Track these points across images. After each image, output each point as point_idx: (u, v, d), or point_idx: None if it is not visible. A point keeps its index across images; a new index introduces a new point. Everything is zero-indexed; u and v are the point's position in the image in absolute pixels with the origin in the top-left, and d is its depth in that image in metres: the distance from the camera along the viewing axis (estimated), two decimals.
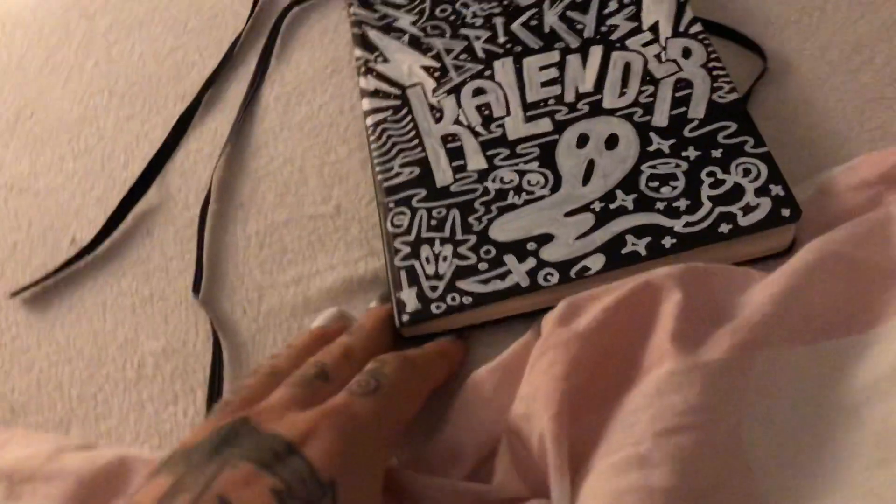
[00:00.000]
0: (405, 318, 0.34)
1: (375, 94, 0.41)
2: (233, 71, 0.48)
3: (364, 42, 0.44)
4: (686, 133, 0.36)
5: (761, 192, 0.33)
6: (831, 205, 0.34)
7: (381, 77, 0.42)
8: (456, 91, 0.41)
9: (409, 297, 0.34)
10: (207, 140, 0.45)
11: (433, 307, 0.34)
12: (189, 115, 0.46)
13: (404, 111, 0.40)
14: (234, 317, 0.38)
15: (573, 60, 0.40)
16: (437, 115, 0.40)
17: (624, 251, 0.33)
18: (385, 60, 0.43)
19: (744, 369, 0.29)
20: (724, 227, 0.33)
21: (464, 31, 0.43)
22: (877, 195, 0.33)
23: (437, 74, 0.41)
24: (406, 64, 0.42)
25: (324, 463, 0.26)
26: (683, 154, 0.35)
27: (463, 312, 0.34)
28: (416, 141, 0.39)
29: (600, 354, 0.31)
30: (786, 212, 0.32)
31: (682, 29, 0.39)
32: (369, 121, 0.41)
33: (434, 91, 0.41)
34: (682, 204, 0.34)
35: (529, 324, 0.34)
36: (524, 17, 0.42)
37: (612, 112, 0.37)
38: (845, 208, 0.33)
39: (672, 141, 0.36)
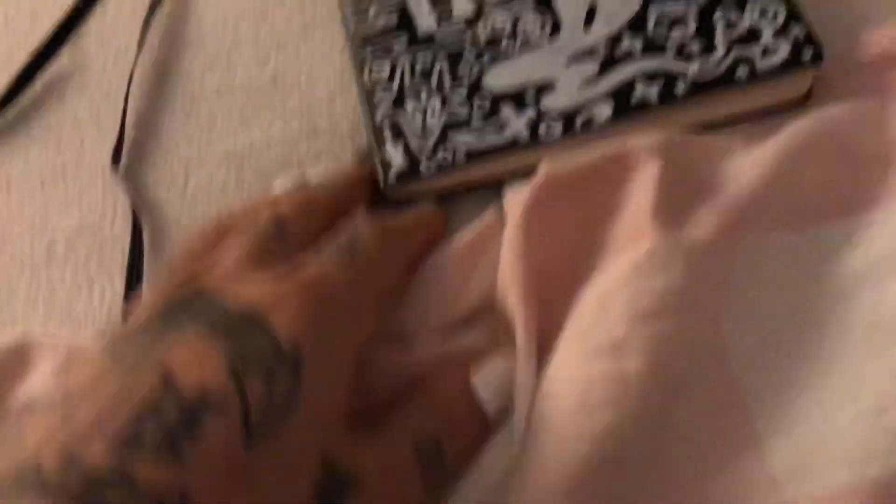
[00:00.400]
0: (392, 177, 0.30)
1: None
2: None
3: None
4: None
5: (780, 33, 0.30)
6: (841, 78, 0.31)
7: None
8: None
9: (395, 153, 0.31)
10: (129, 1, 0.40)
11: (423, 165, 0.30)
12: None
13: None
14: (156, 194, 0.34)
15: None
16: None
17: (633, 100, 0.30)
18: None
19: (730, 252, 0.27)
20: (742, 72, 0.30)
21: None
22: (872, 78, 0.30)
23: None
24: None
25: (289, 334, 0.23)
26: None
27: (456, 170, 0.30)
28: None
29: (567, 228, 0.29)
30: (807, 54, 0.30)
31: None
32: None
33: None
34: (695, 47, 0.31)
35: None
36: None
37: None
38: (839, 94, 0.30)
39: None
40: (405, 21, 0.34)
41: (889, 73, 0.30)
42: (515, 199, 0.30)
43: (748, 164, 0.28)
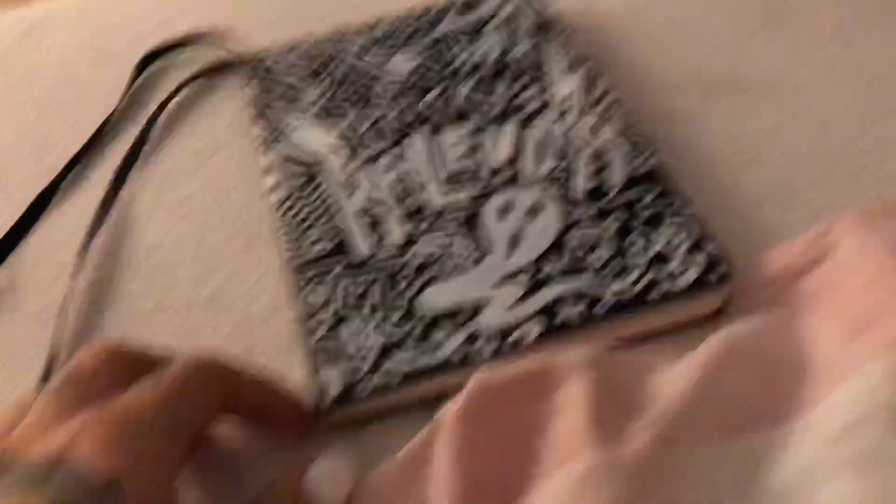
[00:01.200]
0: (328, 400, 0.31)
1: (279, 170, 0.39)
2: (102, 152, 0.45)
3: (264, 118, 0.42)
4: (608, 200, 0.36)
5: (691, 254, 0.33)
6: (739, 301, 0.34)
7: (285, 154, 0.40)
8: (368, 166, 0.39)
9: (331, 378, 0.31)
10: (68, 222, 0.42)
11: (359, 388, 0.31)
12: (49, 195, 0.43)
13: (313, 186, 0.38)
14: None
15: (487, 136, 0.39)
16: (350, 190, 0.38)
17: (557, 320, 0.32)
18: (288, 137, 0.41)
19: (663, 466, 0.28)
20: (654, 293, 0.32)
21: (371, 107, 0.42)
22: (778, 293, 0.33)
23: (345, 151, 0.40)
24: (312, 140, 0.41)
25: (97, 464, 0.23)
26: (608, 220, 0.35)
27: (392, 392, 0.31)
28: (328, 217, 0.37)
29: (499, 437, 0.29)
30: (717, 273, 0.32)
31: (594, 100, 0.40)
32: (273, 198, 0.38)
33: (344, 167, 0.39)
34: (612, 269, 0.33)
35: None
36: (433, 94, 0.42)
37: (531, 183, 0.37)
38: (749, 309, 0.33)
39: (595, 208, 0.35)
40: (341, 247, 0.36)
41: (795, 286, 0.33)
42: (448, 410, 0.30)
43: (671, 379, 0.30)
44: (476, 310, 0.33)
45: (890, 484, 0.26)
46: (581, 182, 0.37)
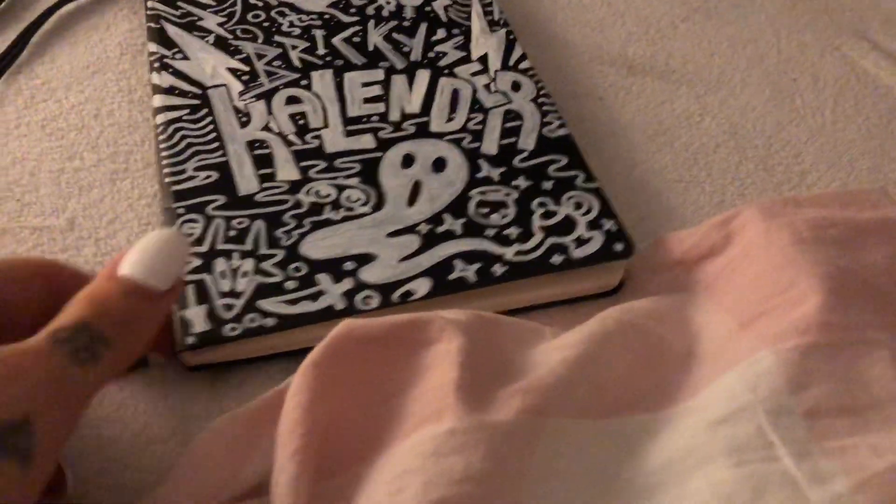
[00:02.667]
0: (190, 339, 0.28)
1: (170, 91, 0.36)
2: None
3: (161, 37, 0.39)
4: (516, 163, 0.34)
5: (594, 225, 0.32)
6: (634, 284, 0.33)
7: (179, 74, 0.37)
8: (267, 97, 0.36)
9: (196, 315, 0.28)
10: None
11: (227, 328, 0.28)
12: None
13: (204, 112, 0.35)
14: None
15: (399, 81, 0.37)
16: (244, 118, 0.35)
17: (451, 276, 0.30)
18: (185, 58, 0.38)
19: (531, 436, 0.26)
20: (557, 258, 0.31)
21: (279, 38, 0.39)
22: (675, 276, 0.32)
23: (245, 78, 0.37)
24: (210, 64, 0.37)
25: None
26: (514, 183, 0.33)
27: (263, 336, 0.28)
28: (217, 144, 0.34)
29: (359, 386, 0.27)
30: (619, 246, 0.31)
31: (511, 63, 0.38)
32: (160, 118, 0.35)
33: (241, 94, 0.36)
34: (514, 232, 0.31)
35: None
36: (346, 33, 0.39)
37: (439, 136, 0.35)
38: (646, 290, 0.32)
39: (502, 169, 0.33)
40: (225, 180, 0.33)
41: (693, 272, 0.32)
42: (307, 358, 0.28)
43: (555, 348, 0.28)
44: (365, 258, 0.30)
45: (762, 475, 0.25)
46: (491, 141, 0.35)
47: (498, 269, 0.30)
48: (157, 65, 0.37)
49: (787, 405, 0.26)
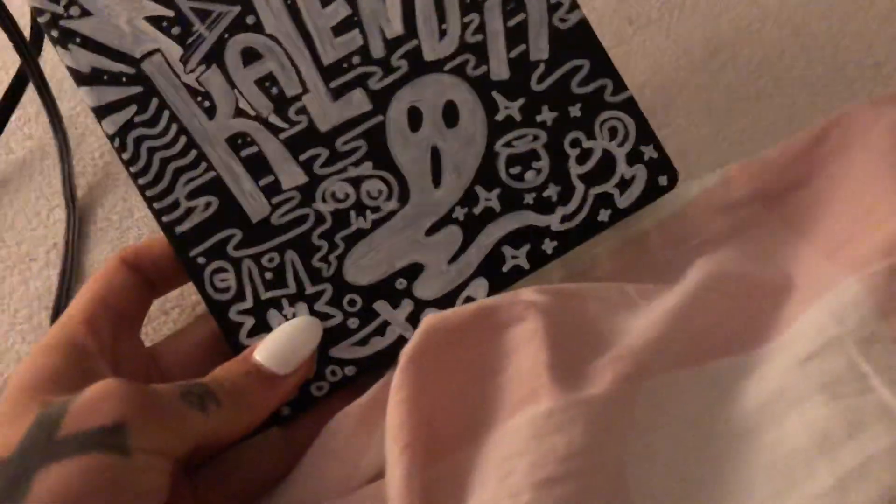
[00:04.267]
0: (285, 410, 0.29)
1: (97, 78, 0.29)
2: None
3: None
4: (534, 85, 0.29)
5: (633, 157, 0.29)
6: (702, 222, 0.30)
7: (93, 44, 0.29)
8: (217, 58, 0.29)
9: None
10: None
11: (313, 388, 0.29)
12: None
13: (154, 104, 0.29)
14: None
15: None
16: (206, 103, 0.29)
17: (505, 268, 0.29)
18: (85, 13, 0.29)
19: (628, 403, 0.27)
20: (604, 214, 0.30)
21: None
22: (754, 213, 0.30)
23: (175, 31, 0.29)
24: (122, 17, 0.29)
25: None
26: (538, 119, 0.29)
27: (350, 384, 0.30)
28: (193, 153, 0.29)
29: (454, 377, 0.28)
30: (663, 179, 0.30)
31: None
32: (108, 127, 0.29)
33: (184, 60, 0.29)
34: (553, 192, 0.29)
35: None
36: None
37: (438, 66, 0.30)
38: (719, 228, 0.30)
39: (521, 102, 0.29)
40: (229, 206, 0.29)
41: (775, 209, 0.30)
42: (403, 354, 0.30)
43: (644, 310, 0.29)
44: (413, 270, 0.29)
45: (857, 408, 0.25)
46: (499, 58, 0.30)
47: (548, 246, 0.30)
48: (55, 34, 0.29)
49: (878, 332, 0.25)
